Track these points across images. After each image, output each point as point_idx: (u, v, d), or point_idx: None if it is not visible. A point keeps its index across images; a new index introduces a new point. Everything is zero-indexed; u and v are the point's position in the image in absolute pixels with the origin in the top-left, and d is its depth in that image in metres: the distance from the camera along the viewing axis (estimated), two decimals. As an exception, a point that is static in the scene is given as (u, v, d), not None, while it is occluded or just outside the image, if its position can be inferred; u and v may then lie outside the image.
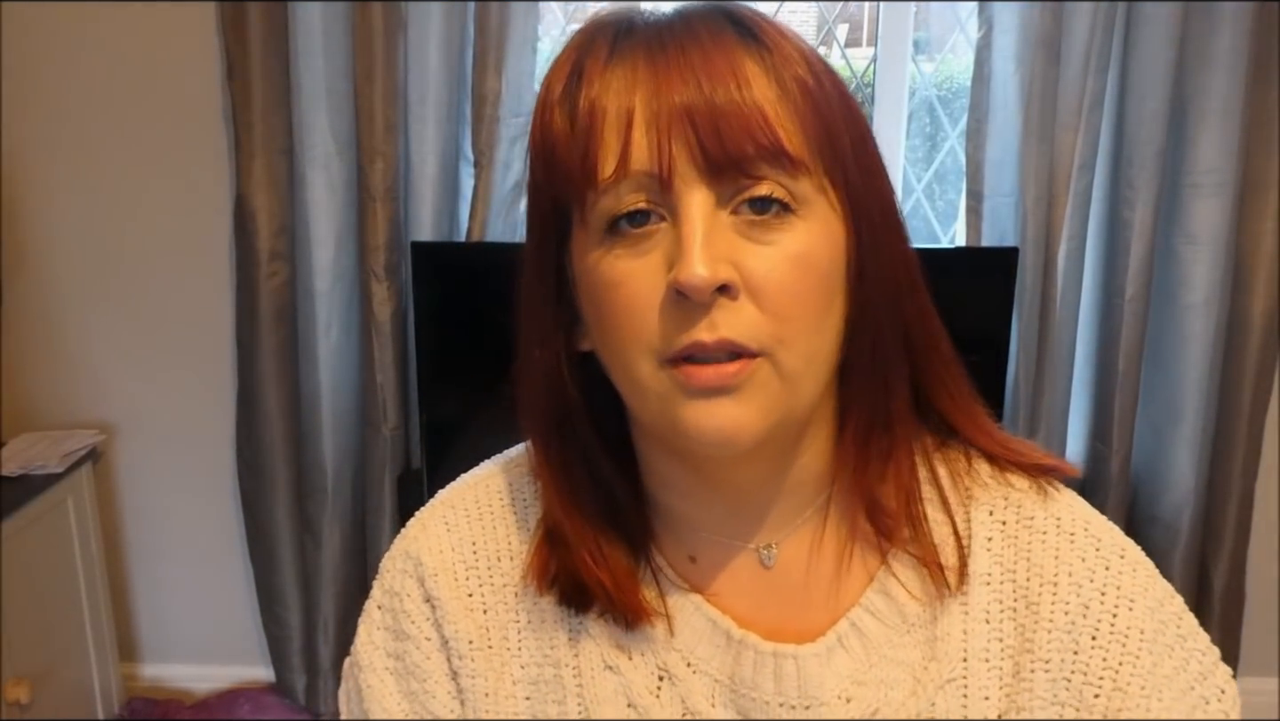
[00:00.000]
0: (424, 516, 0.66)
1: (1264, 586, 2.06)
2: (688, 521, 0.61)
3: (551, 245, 0.56)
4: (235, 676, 2.23)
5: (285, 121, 1.87)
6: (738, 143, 0.50)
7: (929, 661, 0.58)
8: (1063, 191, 1.81)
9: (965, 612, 0.59)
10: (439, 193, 1.87)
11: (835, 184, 0.53)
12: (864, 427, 0.58)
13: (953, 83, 2.04)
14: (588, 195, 0.52)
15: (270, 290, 1.94)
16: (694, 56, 0.51)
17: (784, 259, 0.51)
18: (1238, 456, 1.95)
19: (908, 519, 0.59)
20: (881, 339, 0.56)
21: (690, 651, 0.60)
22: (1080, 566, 0.58)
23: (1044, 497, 0.61)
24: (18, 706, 1.78)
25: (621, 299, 0.52)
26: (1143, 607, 0.57)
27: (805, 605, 0.60)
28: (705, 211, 0.51)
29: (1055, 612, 0.57)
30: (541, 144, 0.54)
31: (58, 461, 1.93)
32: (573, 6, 2.02)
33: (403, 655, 0.63)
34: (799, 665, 0.59)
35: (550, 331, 0.58)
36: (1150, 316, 1.89)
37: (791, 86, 0.52)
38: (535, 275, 0.58)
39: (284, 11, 1.81)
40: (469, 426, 1.85)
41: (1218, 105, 1.78)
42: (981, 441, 0.61)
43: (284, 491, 2.03)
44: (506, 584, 0.63)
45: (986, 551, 0.59)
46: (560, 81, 0.54)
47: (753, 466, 0.58)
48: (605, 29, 0.54)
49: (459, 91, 1.85)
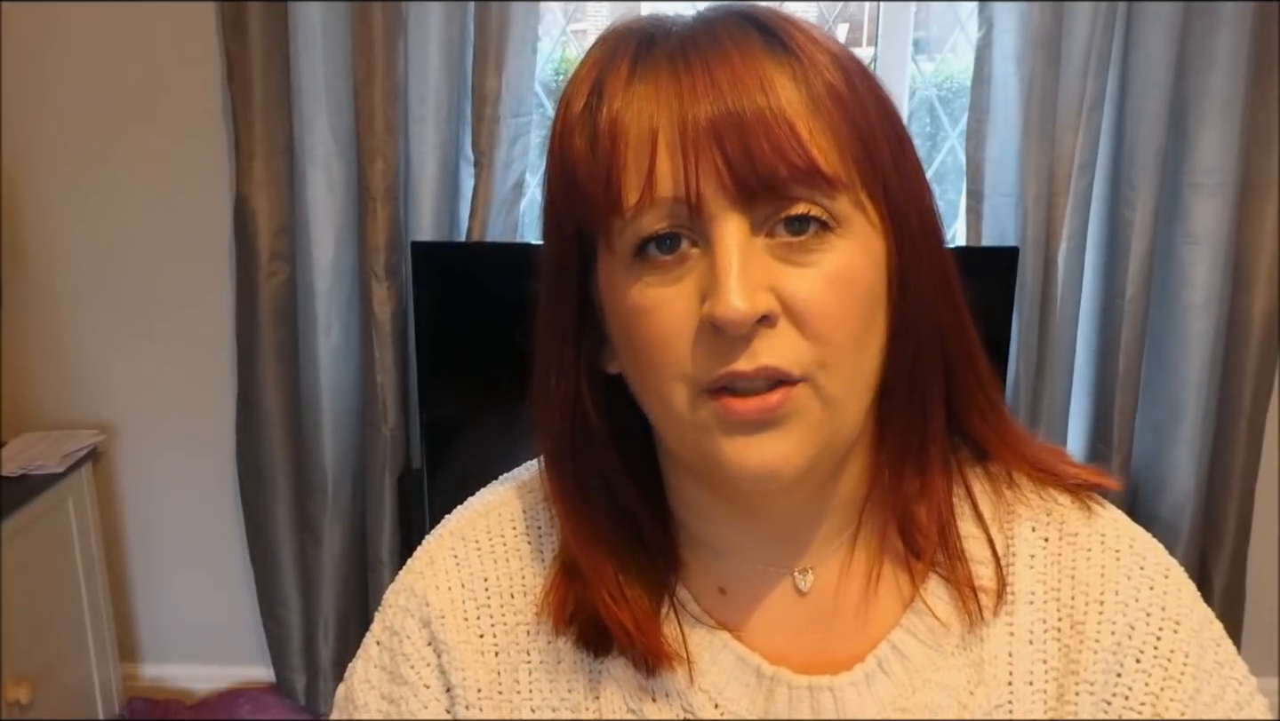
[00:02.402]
0: (431, 548, 0.63)
1: (1264, 586, 2.06)
2: (719, 549, 0.58)
3: (574, 268, 0.54)
4: (235, 676, 2.22)
5: (285, 121, 1.87)
6: (769, 164, 0.47)
7: (975, 686, 0.56)
8: (1063, 191, 1.81)
9: (1010, 633, 0.56)
10: (439, 193, 1.87)
11: (874, 197, 0.51)
12: (900, 444, 0.56)
13: (953, 83, 2.04)
14: (613, 222, 0.50)
15: (270, 290, 1.94)
16: (719, 70, 0.48)
17: (823, 280, 0.49)
18: (1238, 456, 1.94)
19: (941, 539, 0.57)
20: (920, 352, 0.54)
21: (718, 692, 0.57)
22: (1126, 585, 0.56)
23: (1088, 513, 0.59)
24: (18, 706, 1.78)
25: (654, 327, 0.49)
26: (1187, 630, 0.56)
27: (836, 632, 0.58)
28: (739, 239, 0.48)
29: (1101, 632, 0.55)
30: (561, 166, 0.52)
31: (58, 461, 1.93)
32: (573, 6, 2.02)
33: (397, 700, 0.60)
34: (836, 696, 0.56)
35: (571, 356, 0.55)
36: (1150, 316, 1.89)
37: (823, 96, 0.49)
38: (555, 298, 0.55)
39: (284, 11, 1.80)
40: (469, 426, 1.85)
41: (1218, 105, 1.78)
42: (1014, 463, 0.59)
43: (284, 491, 2.02)
44: (520, 622, 0.59)
45: (1030, 569, 0.57)
46: (580, 99, 0.51)
47: (793, 496, 0.55)
48: (627, 41, 0.51)
49: (459, 91, 1.85)
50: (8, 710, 1.77)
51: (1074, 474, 0.60)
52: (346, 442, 1.99)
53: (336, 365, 1.95)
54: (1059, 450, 0.62)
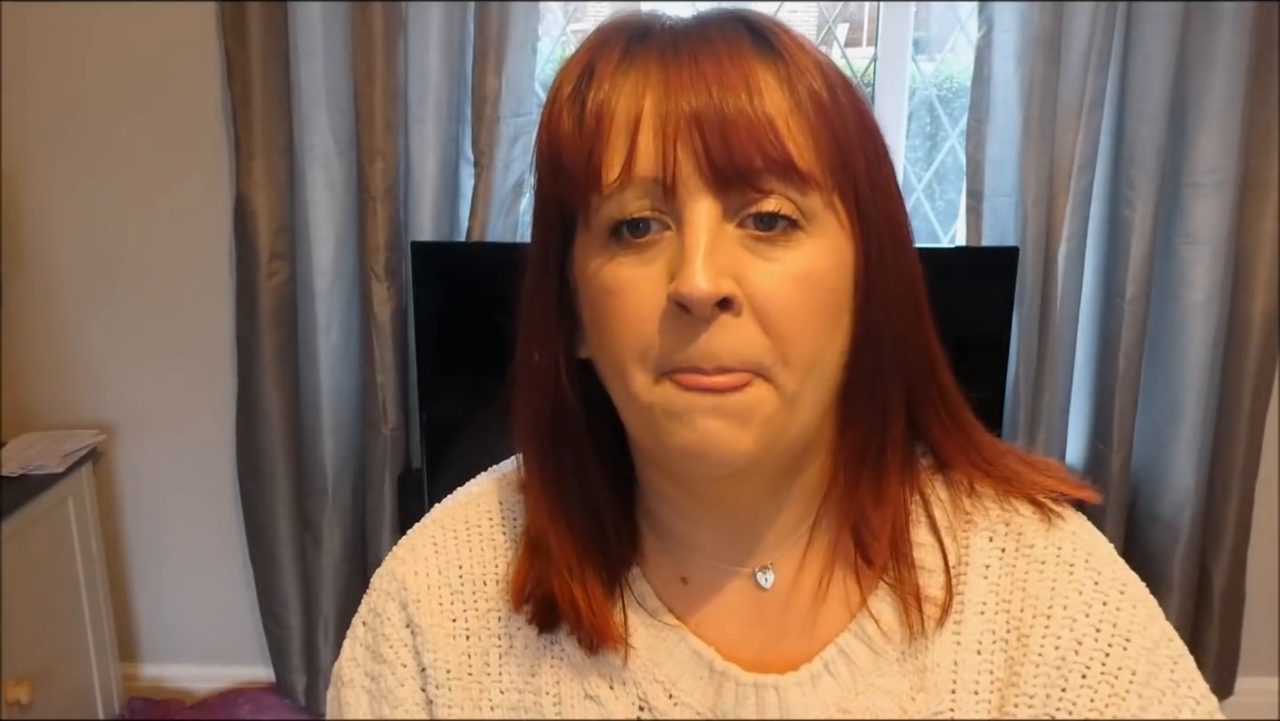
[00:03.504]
0: (414, 536, 0.65)
1: (1264, 586, 2.06)
2: (683, 539, 0.60)
3: (555, 247, 0.55)
4: (235, 676, 2.23)
5: (285, 121, 1.87)
6: (745, 154, 0.49)
7: (917, 692, 0.56)
8: (1063, 191, 1.81)
9: (957, 642, 0.57)
10: (439, 193, 1.87)
11: (846, 201, 0.52)
12: (859, 449, 0.56)
13: (953, 82, 2.04)
14: (591, 199, 0.51)
15: (270, 290, 1.94)
16: (707, 64, 0.50)
17: (789, 276, 0.50)
18: (1238, 456, 1.94)
19: (892, 548, 0.57)
20: (883, 362, 0.54)
21: (673, 683, 0.59)
22: (1076, 599, 0.56)
23: (1047, 525, 0.58)
24: (18, 706, 1.78)
25: (621, 307, 0.51)
26: (1138, 647, 0.55)
27: (788, 630, 0.59)
28: (710, 222, 0.49)
29: (1045, 647, 0.55)
30: (548, 143, 0.53)
31: (58, 461, 1.93)
32: (573, 6, 2.02)
33: (378, 677, 0.63)
34: (780, 695, 0.57)
35: (551, 335, 0.56)
36: (1150, 316, 1.89)
37: (805, 99, 0.51)
38: (538, 277, 0.57)
39: (284, 11, 1.80)
40: (469, 426, 1.85)
41: (1218, 105, 1.78)
42: (975, 475, 0.59)
43: (284, 491, 2.02)
44: (491, 609, 0.62)
45: (983, 579, 0.57)
46: (570, 81, 0.53)
47: (749, 486, 0.56)
48: (620, 31, 0.53)
49: (459, 91, 1.85)
50: (8, 710, 1.77)
51: (1047, 485, 0.59)
52: (346, 442, 1.99)
53: (336, 365, 1.95)
54: (1048, 462, 0.61)
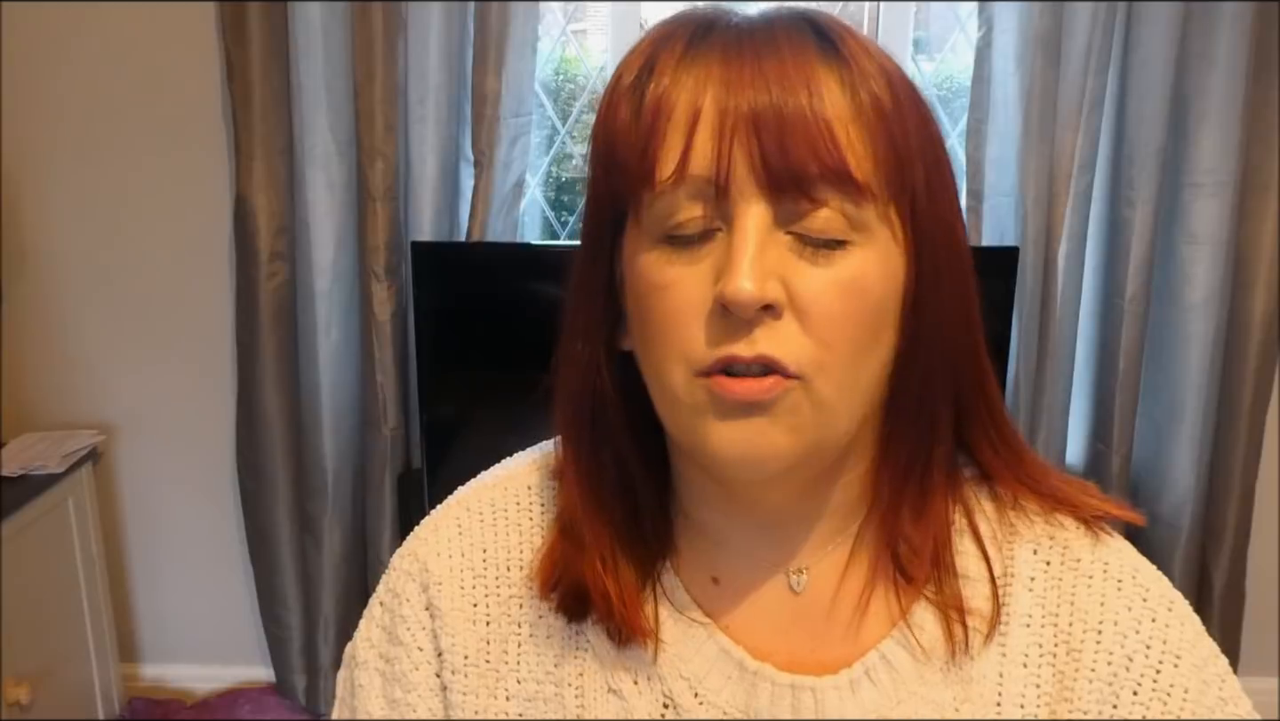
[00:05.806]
0: (438, 516, 0.64)
1: (1264, 586, 2.06)
2: (717, 538, 0.59)
3: (606, 237, 0.55)
4: (235, 676, 2.22)
5: (285, 121, 1.87)
6: (801, 158, 0.48)
7: (961, 703, 0.56)
8: (1063, 191, 1.81)
9: (1003, 655, 0.56)
10: (439, 193, 1.87)
11: (901, 213, 0.51)
12: (903, 466, 0.56)
13: (953, 82, 2.04)
14: (644, 195, 0.51)
15: (270, 290, 1.94)
16: (769, 63, 0.49)
17: (835, 284, 0.49)
18: (1238, 456, 1.95)
19: (934, 565, 0.56)
20: (930, 378, 0.54)
21: (700, 681, 0.58)
22: (1126, 615, 0.56)
23: (1093, 540, 0.58)
24: (18, 706, 1.78)
25: (665, 303, 0.50)
26: (1188, 665, 0.55)
27: (826, 636, 0.58)
28: (761, 226, 0.49)
29: (1098, 662, 0.55)
30: (604, 133, 0.53)
31: (58, 461, 1.93)
32: (573, 7, 2.02)
33: (393, 659, 0.62)
34: (817, 697, 0.56)
35: (595, 325, 0.56)
36: (1150, 316, 1.89)
37: (867, 104, 0.50)
38: (585, 265, 0.56)
39: (284, 11, 1.81)
40: (469, 426, 1.85)
41: (1218, 105, 1.78)
42: (1021, 492, 0.59)
43: (284, 491, 2.02)
44: (513, 595, 0.61)
45: (1028, 591, 0.57)
46: (631, 73, 0.52)
47: (783, 490, 0.56)
48: (685, 26, 0.52)
49: (459, 91, 1.85)
50: (8, 710, 1.77)
51: (1092, 505, 0.59)
52: (346, 442, 1.99)
53: (336, 365, 1.95)
54: (1085, 484, 0.61)
